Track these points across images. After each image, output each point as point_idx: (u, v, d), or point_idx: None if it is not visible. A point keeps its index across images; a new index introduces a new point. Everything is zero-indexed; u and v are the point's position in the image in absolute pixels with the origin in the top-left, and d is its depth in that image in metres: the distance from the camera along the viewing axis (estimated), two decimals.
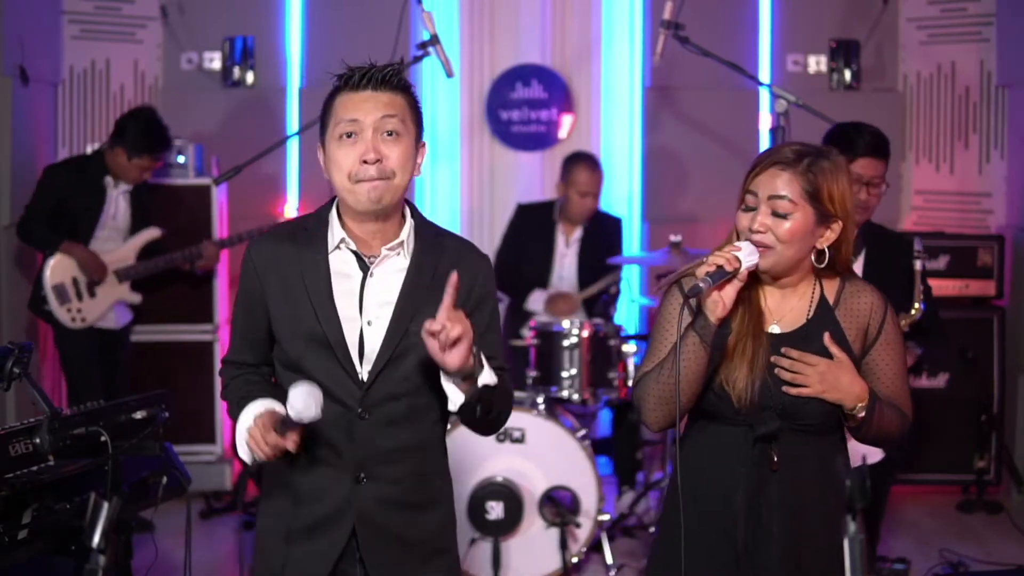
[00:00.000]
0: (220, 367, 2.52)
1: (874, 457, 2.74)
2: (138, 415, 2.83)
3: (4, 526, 2.59)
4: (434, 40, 4.36)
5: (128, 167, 5.00)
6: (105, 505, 2.66)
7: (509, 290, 5.62)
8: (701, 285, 2.21)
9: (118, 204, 5.09)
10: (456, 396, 2.23)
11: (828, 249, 2.34)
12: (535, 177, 6.31)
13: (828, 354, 2.32)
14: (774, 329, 2.37)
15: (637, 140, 6.32)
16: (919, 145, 6.25)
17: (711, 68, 4.78)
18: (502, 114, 6.27)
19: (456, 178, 6.35)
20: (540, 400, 4.60)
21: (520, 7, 6.30)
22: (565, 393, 4.68)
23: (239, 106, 6.07)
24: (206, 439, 5.55)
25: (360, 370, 2.33)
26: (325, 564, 2.36)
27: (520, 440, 4.43)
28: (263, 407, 2.29)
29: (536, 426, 4.44)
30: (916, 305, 3.55)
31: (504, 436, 4.42)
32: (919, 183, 6.26)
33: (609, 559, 4.50)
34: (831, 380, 2.30)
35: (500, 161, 6.34)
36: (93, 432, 2.69)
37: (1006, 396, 5.56)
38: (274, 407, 2.29)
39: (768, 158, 2.33)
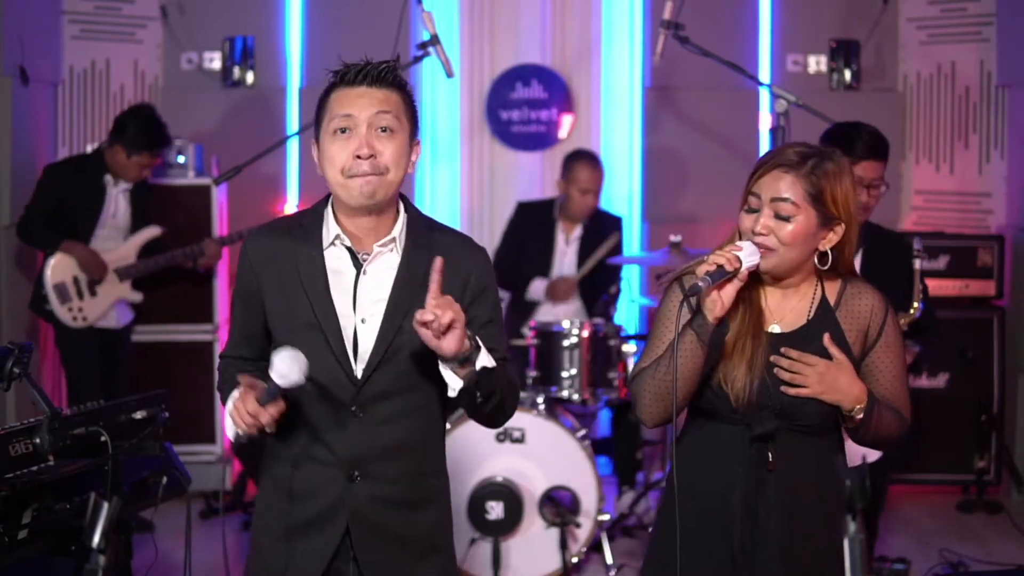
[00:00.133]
0: (218, 363, 2.51)
1: (872, 456, 2.73)
2: (138, 415, 2.83)
3: (4, 526, 2.59)
4: (434, 40, 4.36)
5: (127, 165, 5.00)
6: (105, 505, 2.66)
7: (509, 287, 5.62)
8: (700, 284, 2.21)
9: (118, 203, 5.09)
10: (454, 382, 2.21)
11: (831, 251, 2.34)
12: (535, 177, 6.31)
13: (827, 355, 2.31)
14: (774, 329, 2.37)
15: (637, 140, 6.32)
16: (919, 145, 6.25)
17: (711, 68, 4.78)
18: (502, 114, 6.27)
19: (456, 178, 6.35)
20: (540, 400, 4.60)
21: (520, 7, 6.30)
22: (565, 393, 4.68)
23: (239, 106, 6.07)
24: (206, 439, 5.55)
25: (355, 367, 2.32)
26: (319, 562, 2.35)
27: (520, 440, 4.43)
28: (251, 381, 2.26)
29: (536, 426, 4.44)
30: (915, 304, 3.55)
31: (504, 436, 4.42)
32: (919, 183, 6.25)
33: (609, 559, 4.50)
34: (830, 381, 2.29)
35: (500, 161, 6.34)
36: (93, 432, 2.69)
37: (1006, 396, 5.56)
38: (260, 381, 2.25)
39: (771, 160, 2.32)
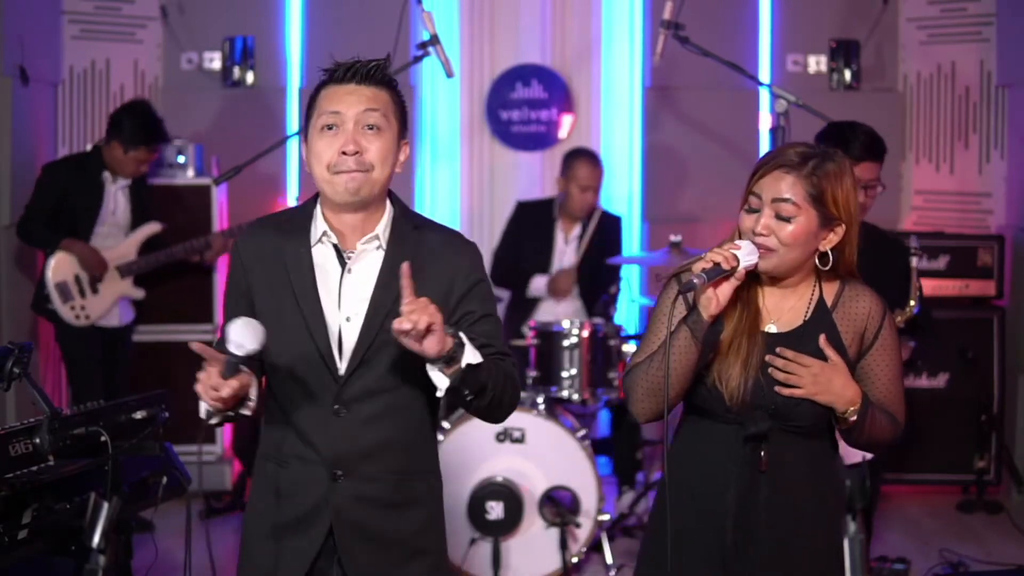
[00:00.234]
0: None
1: (866, 456, 2.72)
2: (138, 415, 2.83)
3: (4, 526, 2.59)
4: (434, 40, 4.36)
5: (125, 160, 5.00)
6: (105, 505, 2.67)
7: (509, 286, 5.62)
8: (696, 281, 2.20)
9: (117, 200, 5.10)
10: (441, 381, 2.19)
11: (831, 251, 2.33)
12: (535, 177, 6.31)
13: (823, 356, 2.31)
14: (770, 328, 2.36)
15: (637, 140, 6.32)
16: (919, 145, 6.25)
17: (711, 68, 4.78)
18: (502, 114, 6.27)
19: (456, 178, 6.35)
20: (540, 400, 4.60)
21: (520, 7, 6.29)
22: (565, 393, 4.68)
23: (239, 106, 6.07)
24: (206, 439, 5.55)
25: (339, 366, 2.32)
26: (303, 562, 2.34)
27: (520, 440, 4.43)
28: (212, 353, 2.18)
29: (536, 426, 4.44)
30: (911, 303, 3.55)
31: (504, 436, 4.42)
32: (919, 183, 6.25)
33: (609, 559, 4.50)
34: (824, 382, 2.28)
35: (500, 161, 6.34)
36: (93, 432, 2.69)
37: (1006, 396, 5.56)
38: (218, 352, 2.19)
39: (772, 160, 2.31)
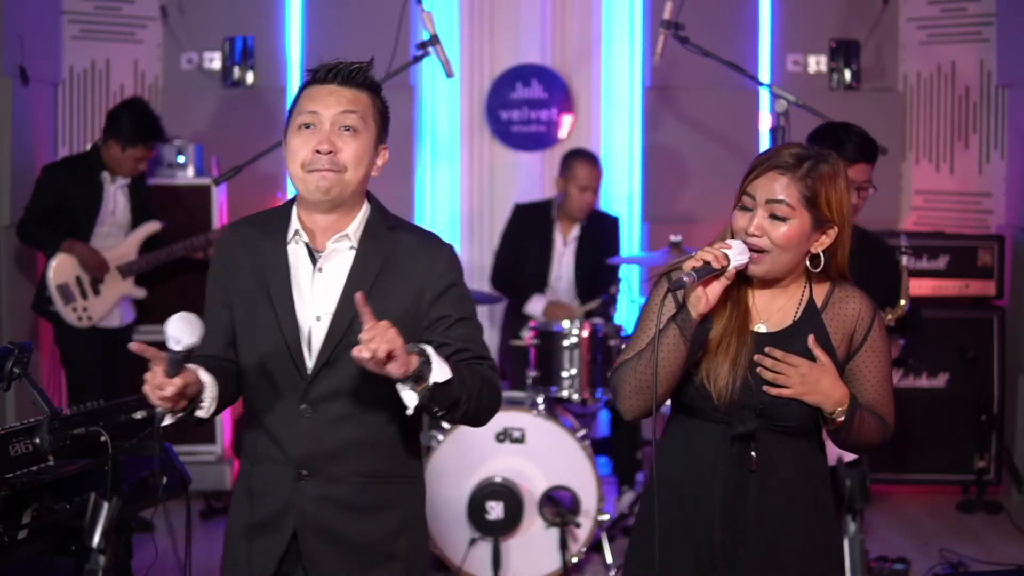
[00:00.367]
0: None
1: (848, 455, 2.72)
2: (138, 415, 2.83)
3: (4, 526, 2.59)
4: (434, 40, 4.36)
5: (123, 159, 5.00)
6: (105, 505, 2.67)
7: (508, 290, 5.62)
8: (685, 279, 2.19)
9: (116, 199, 5.10)
10: (410, 399, 2.17)
11: (823, 253, 2.33)
12: (535, 177, 6.31)
13: (812, 356, 2.30)
14: (760, 328, 2.35)
15: (637, 140, 6.32)
16: (919, 145, 6.25)
17: (711, 68, 4.77)
18: (502, 114, 6.27)
19: (456, 178, 6.35)
20: (540, 400, 4.60)
21: (520, 7, 6.29)
22: (565, 393, 4.68)
23: (239, 106, 6.07)
24: (206, 439, 5.55)
25: (308, 365, 2.32)
26: (269, 563, 2.34)
27: (520, 440, 4.43)
28: (154, 353, 2.16)
29: (536, 426, 4.44)
30: (902, 302, 3.54)
31: (504, 436, 4.42)
32: (919, 183, 6.25)
33: (609, 559, 4.50)
34: (812, 382, 2.28)
35: (500, 161, 6.34)
36: (93, 432, 2.69)
37: (1006, 396, 5.56)
38: (193, 369, 2.19)
39: (767, 161, 2.30)
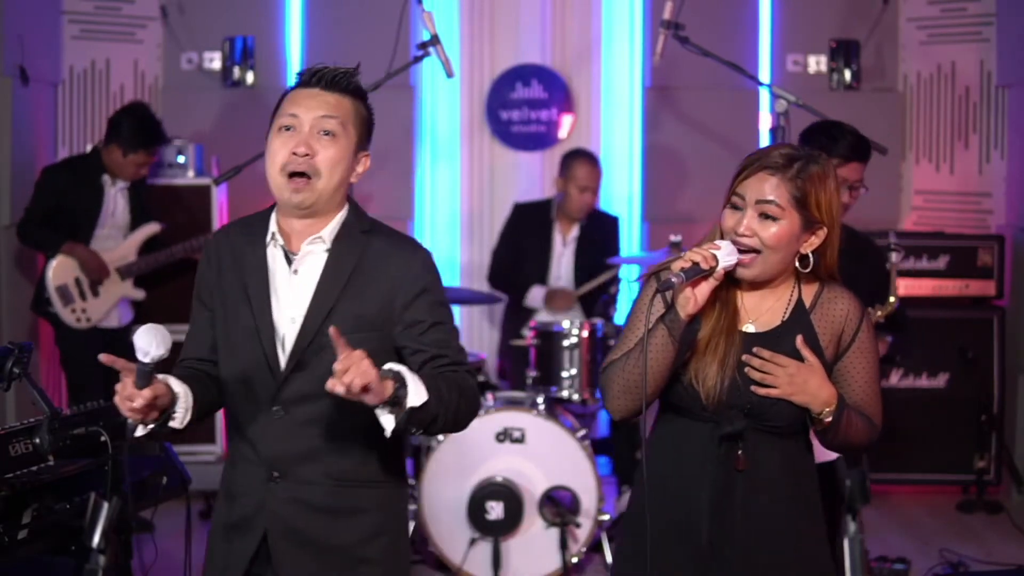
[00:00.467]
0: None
1: (828, 455, 2.70)
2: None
3: (4, 526, 2.59)
4: (434, 40, 4.36)
5: (124, 164, 5.00)
6: (105, 505, 2.67)
7: (507, 289, 5.62)
8: (674, 280, 2.19)
9: (116, 202, 5.10)
10: (388, 423, 2.15)
11: (812, 254, 2.33)
12: (535, 177, 6.31)
13: (800, 356, 2.30)
14: (748, 328, 2.35)
15: (637, 140, 6.32)
16: (919, 145, 6.25)
17: (711, 68, 4.77)
18: (502, 114, 6.27)
19: (456, 178, 6.35)
20: (540, 400, 4.60)
21: (520, 7, 6.30)
22: (565, 393, 4.68)
23: (239, 106, 6.06)
24: (206, 439, 5.55)
25: (281, 366, 2.32)
26: (240, 564, 2.34)
27: (520, 440, 4.43)
28: (124, 364, 2.19)
29: (536, 426, 4.44)
30: (891, 299, 3.53)
31: (504, 436, 4.42)
32: (919, 183, 6.25)
33: (609, 559, 4.50)
34: (800, 383, 2.28)
35: (500, 161, 6.34)
36: (93, 432, 2.69)
37: (1006, 396, 5.56)
38: (163, 380, 2.21)
39: (757, 161, 2.30)
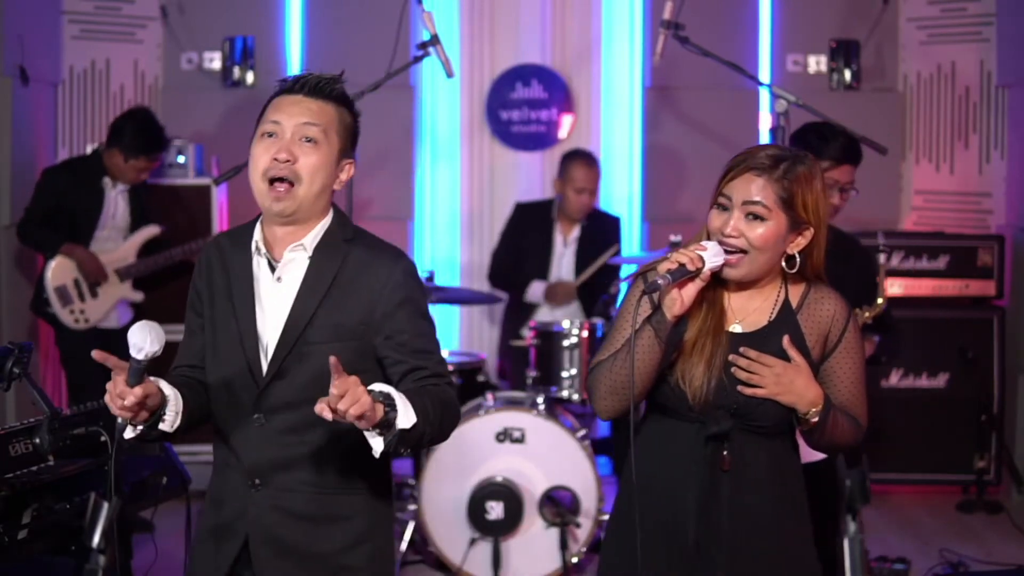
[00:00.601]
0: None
1: (813, 455, 2.69)
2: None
3: (4, 526, 2.59)
4: (434, 40, 4.36)
5: (125, 168, 5.00)
6: (105, 505, 2.67)
7: (508, 288, 5.62)
8: (660, 281, 2.19)
9: (117, 204, 5.10)
10: (377, 444, 2.14)
11: (799, 254, 2.33)
12: (535, 177, 6.31)
13: (787, 357, 2.30)
14: (735, 328, 2.36)
15: (637, 140, 6.32)
16: (919, 145, 6.25)
17: (711, 68, 4.76)
18: (502, 114, 6.27)
19: (456, 178, 6.35)
20: (540, 400, 4.60)
21: (520, 7, 6.30)
22: (565, 393, 4.68)
23: (239, 106, 6.06)
24: (206, 439, 5.52)
25: (263, 373, 2.32)
26: (221, 566, 2.34)
27: (520, 440, 4.43)
28: (116, 362, 2.16)
29: (536, 426, 4.44)
30: (879, 300, 3.53)
31: (504, 436, 4.42)
32: (919, 183, 6.25)
33: None
34: (786, 383, 2.28)
35: (500, 161, 6.35)
36: (93, 432, 2.69)
37: (1006, 396, 5.56)
38: (155, 381, 2.20)
39: (743, 162, 2.30)
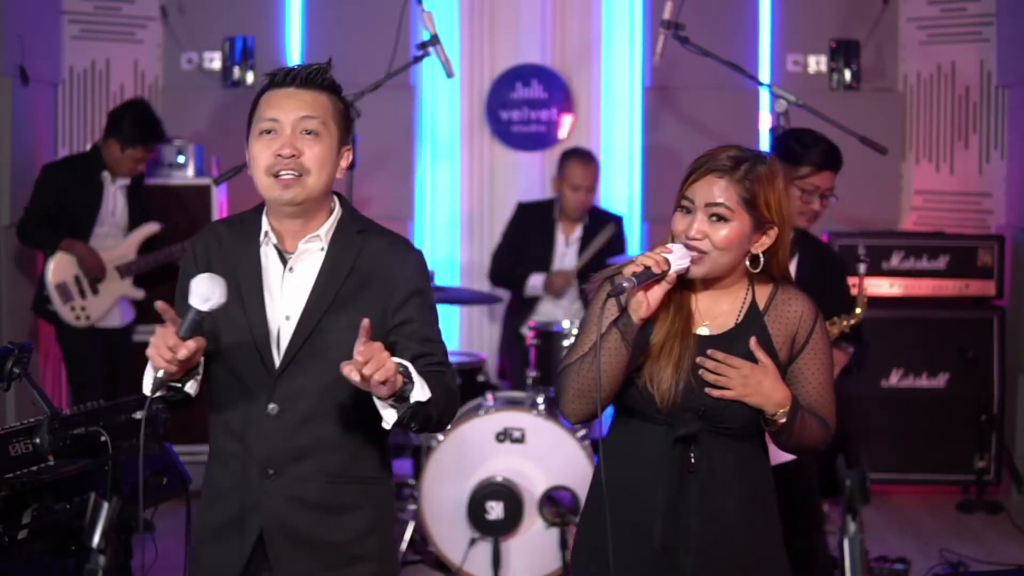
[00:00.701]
0: None
1: (783, 457, 2.69)
2: (138, 415, 2.83)
3: (4, 526, 2.59)
4: (434, 40, 4.37)
5: (122, 159, 5.00)
6: (105, 505, 2.67)
7: (509, 286, 5.62)
8: (625, 284, 2.19)
9: (116, 200, 5.10)
10: (390, 416, 2.17)
11: (763, 254, 2.33)
12: (535, 177, 6.31)
13: (754, 358, 2.30)
14: (703, 331, 2.35)
15: (637, 140, 6.32)
16: (919, 145, 6.25)
17: (711, 68, 4.77)
18: (502, 114, 6.27)
19: (456, 178, 6.35)
20: (540, 400, 4.60)
21: (520, 7, 6.30)
22: None
23: (239, 106, 6.03)
24: (206, 439, 5.52)
25: (276, 363, 2.33)
26: (236, 565, 2.34)
27: (520, 440, 4.43)
28: (174, 316, 2.18)
29: (536, 426, 4.44)
30: (857, 310, 3.52)
31: (504, 436, 4.42)
32: (919, 183, 6.26)
33: None
34: (753, 384, 2.27)
35: (500, 161, 6.35)
36: (93, 432, 2.69)
37: (1006, 396, 5.56)
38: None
39: (704, 164, 2.30)
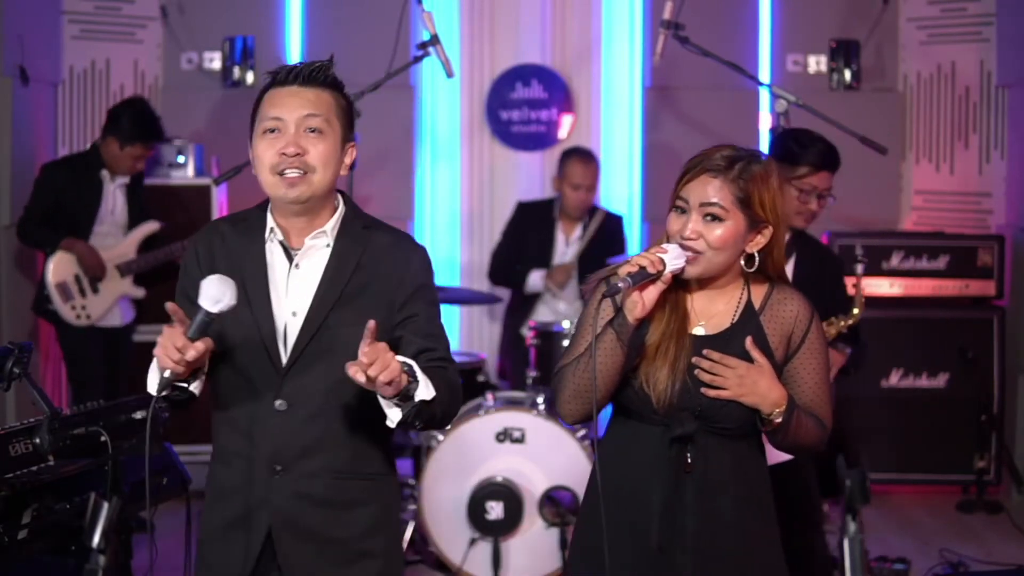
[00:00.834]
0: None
1: (779, 456, 2.69)
2: (138, 415, 2.83)
3: (4, 526, 2.59)
4: (434, 40, 4.37)
5: (121, 156, 5.01)
6: (105, 505, 2.67)
7: (509, 285, 5.62)
8: (620, 285, 2.19)
9: (115, 198, 5.10)
10: (393, 414, 2.18)
11: (758, 254, 2.33)
12: (535, 177, 6.31)
13: (750, 358, 2.30)
14: (698, 331, 2.35)
15: (637, 140, 6.32)
16: (919, 145, 6.25)
17: (711, 68, 4.77)
18: (502, 114, 6.27)
19: (456, 178, 6.35)
20: (540, 400, 4.60)
21: (520, 7, 6.30)
22: None
23: (239, 106, 6.03)
24: (206, 439, 5.52)
25: (282, 360, 2.33)
26: (246, 562, 2.34)
27: (520, 440, 4.43)
28: (183, 316, 2.18)
29: (536, 426, 4.44)
30: (855, 311, 3.52)
31: (504, 436, 4.42)
32: (919, 183, 6.26)
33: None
34: (749, 384, 2.27)
35: (500, 161, 6.35)
36: (93, 432, 2.69)
37: (1006, 396, 5.56)
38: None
39: (699, 164, 2.30)
